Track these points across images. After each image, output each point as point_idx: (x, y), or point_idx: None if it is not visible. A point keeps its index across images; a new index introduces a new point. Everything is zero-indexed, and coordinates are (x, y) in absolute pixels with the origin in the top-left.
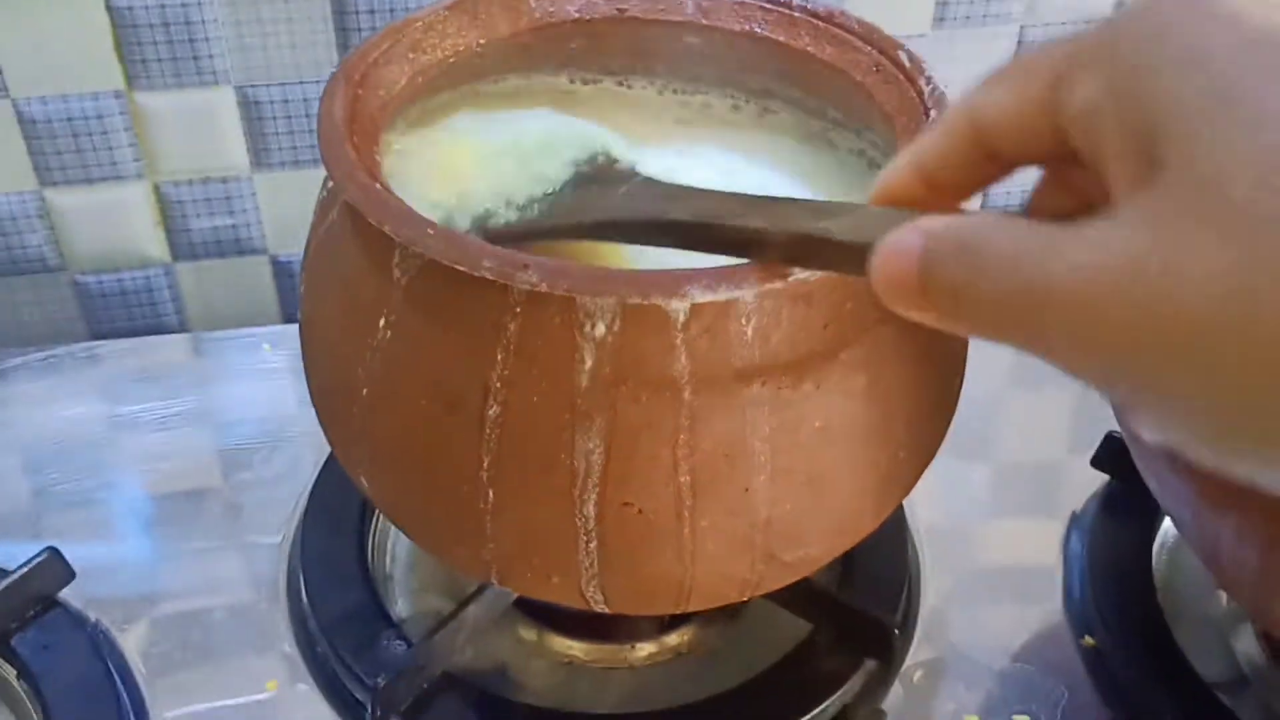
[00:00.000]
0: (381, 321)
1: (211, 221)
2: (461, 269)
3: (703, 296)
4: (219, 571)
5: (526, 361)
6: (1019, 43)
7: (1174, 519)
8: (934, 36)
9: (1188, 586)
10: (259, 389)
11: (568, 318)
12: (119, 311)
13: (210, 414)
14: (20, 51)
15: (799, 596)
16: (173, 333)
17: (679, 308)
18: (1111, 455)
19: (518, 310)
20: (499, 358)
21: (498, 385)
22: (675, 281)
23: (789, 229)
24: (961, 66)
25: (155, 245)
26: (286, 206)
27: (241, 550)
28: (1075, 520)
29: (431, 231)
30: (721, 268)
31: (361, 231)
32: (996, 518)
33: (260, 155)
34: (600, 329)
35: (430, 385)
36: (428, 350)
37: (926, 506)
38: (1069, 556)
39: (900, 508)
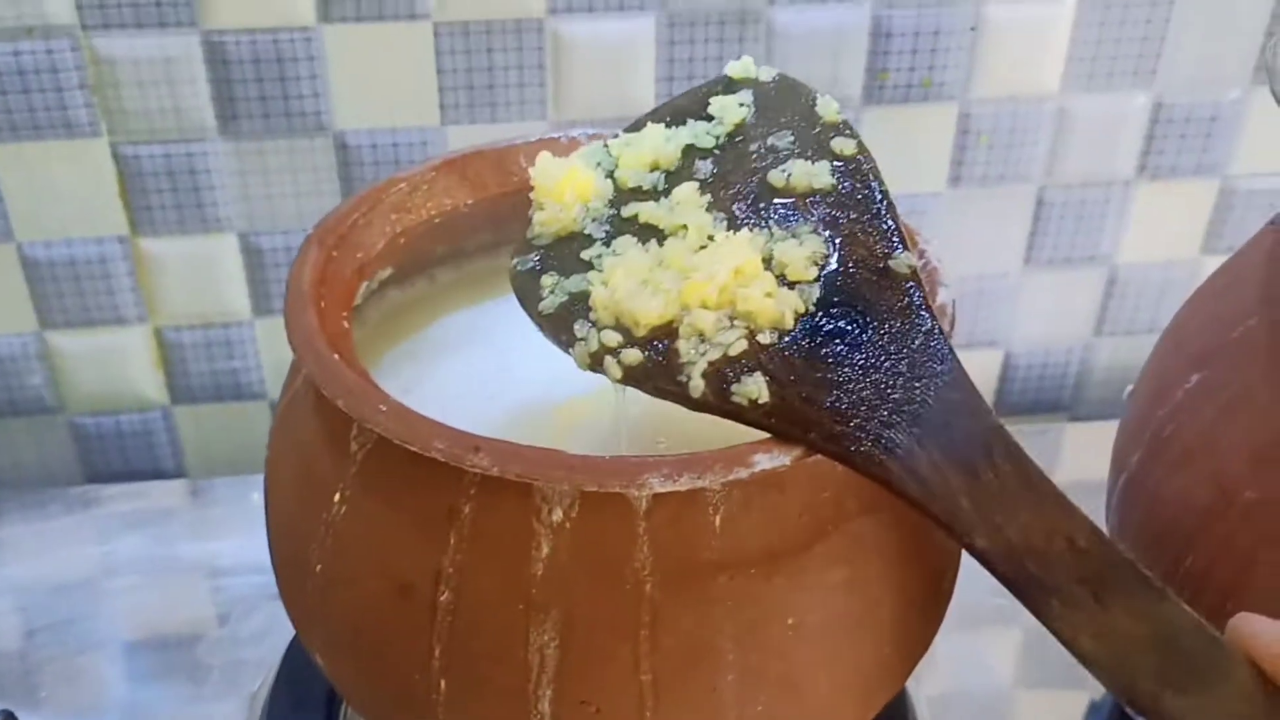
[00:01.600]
0: (337, 497)
1: (211, 365)
2: (413, 449)
3: (662, 486)
4: None
5: (480, 547)
6: (1038, 203)
7: None
8: (950, 195)
9: None
10: (252, 540)
11: (524, 502)
12: (115, 454)
13: (200, 564)
14: (26, 195)
15: None
16: (169, 476)
17: (639, 496)
18: None
19: (471, 493)
20: (452, 541)
21: (450, 571)
22: (634, 469)
23: None
24: (977, 225)
25: (154, 388)
26: (287, 352)
27: (215, 710)
28: (1094, 709)
29: (384, 408)
30: (684, 455)
31: (321, 402)
32: (1018, 688)
33: (261, 301)
34: (558, 514)
35: (382, 567)
36: (380, 530)
37: (939, 680)
38: None
39: (904, 693)
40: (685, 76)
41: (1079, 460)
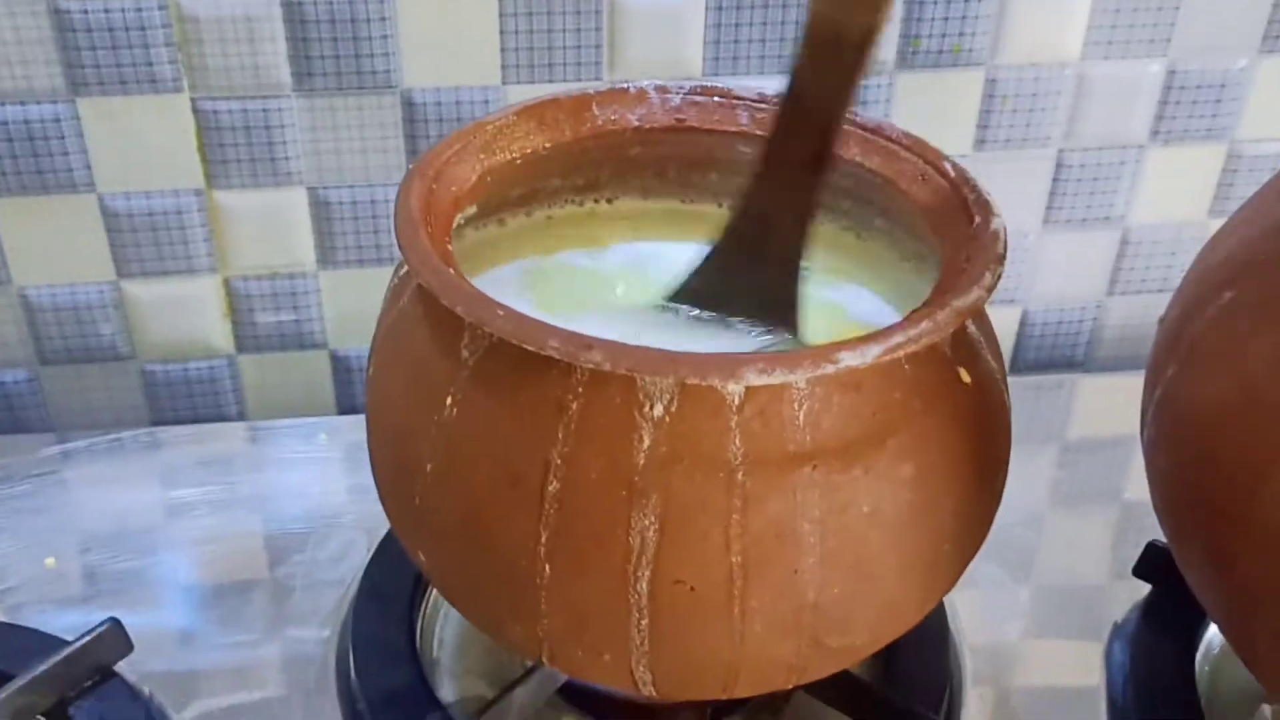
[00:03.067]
0: (448, 400)
1: (277, 316)
2: (529, 348)
3: (757, 380)
4: (270, 653)
5: (587, 439)
6: (1056, 165)
7: (1215, 618)
8: (975, 158)
9: (1232, 694)
10: (313, 477)
11: (628, 398)
12: (182, 399)
13: (265, 501)
14: (110, 148)
15: (842, 692)
16: (232, 421)
17: (734, 390)
18: (1153, 564)
19: (580, 389)
20: (560, 435)
21: (558, 462)
22: (732, 364)
23: None
24: (1000, 186)
25: (221, 337)
26: (349, 304)
27: (291, 632)
28: (1116, 631)
29: (501, 313)
30: (776, 353)
31: (432, 314)
32: (1038, 634)
33: (327, 253)
34: (659, 409)
35: (493, 461)
36: (492, 427)
37: (968, 621)
38: (1111, 667)
39: (944, 613)
40: (732, 40)
41: (1093, 412)
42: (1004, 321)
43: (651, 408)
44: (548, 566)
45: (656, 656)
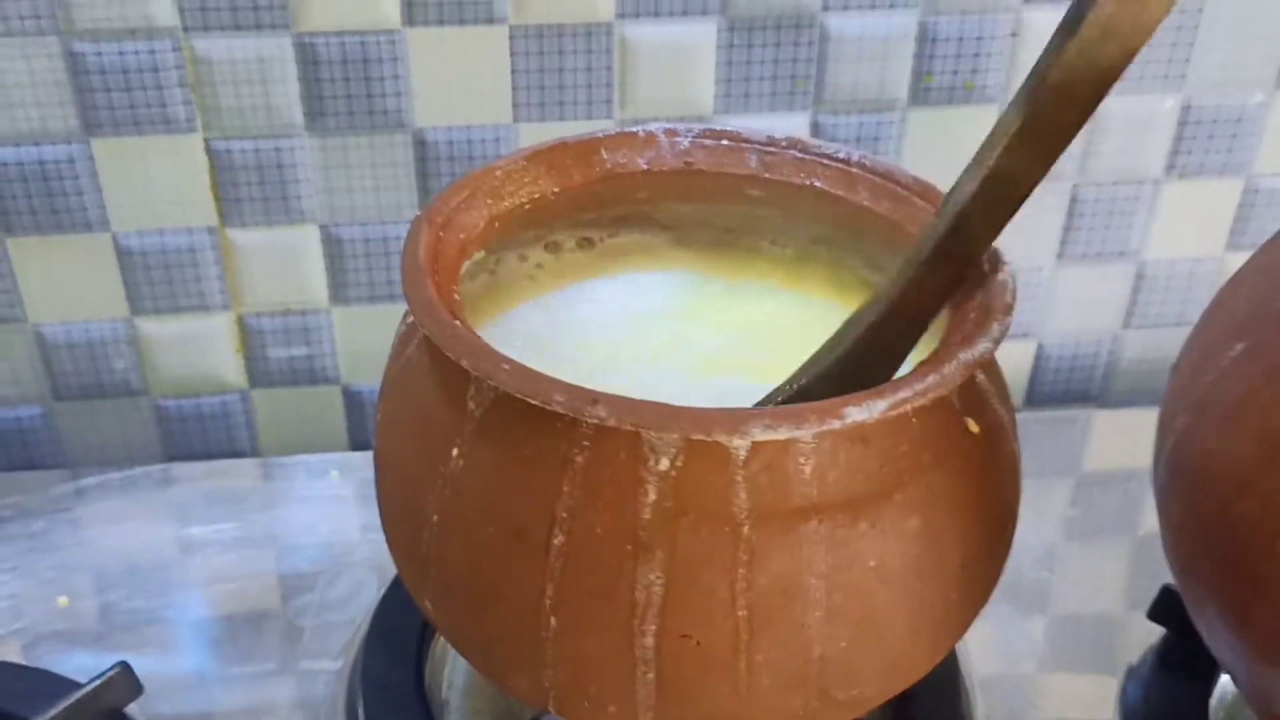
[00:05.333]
0: (454, 451)
1: (289, 351)
2: (534, 402)
3: (763, 435)
4: (280, 694)
5: (592, 494)
6: (1071, 199)
7: (1228, 671)
8: None
9: None
10: (325, 515)
11: (633, 452)
12: (195, 435)
13: (277, 538)
14: (124, 188)
15: None
16: (245, 456)
17: (740, 445)
18: (1168, 608)
19: (585, 444)
20: (565, 489)
21: (563, 515)
22: (737, 420)
23: None
24: (1014, 220)
25: (234, 373)
26: (361, 340)
27: (302, 673)
28: (1131, 673)
29: (506, 366)
30: (781, 408)
31: (438, 364)
32: (1052, 669)
33: (339, 290)
34: (664, 464)
35: (498, 514)
36: (497, 480)
37: (981, 657)
38: (1126, 709)
39: (954, 656)
40: (743, 78)
41: (1108, 446)
42: (1019, 355)
43: (657, 462)
44: (553, 619)
45: (663, 710)
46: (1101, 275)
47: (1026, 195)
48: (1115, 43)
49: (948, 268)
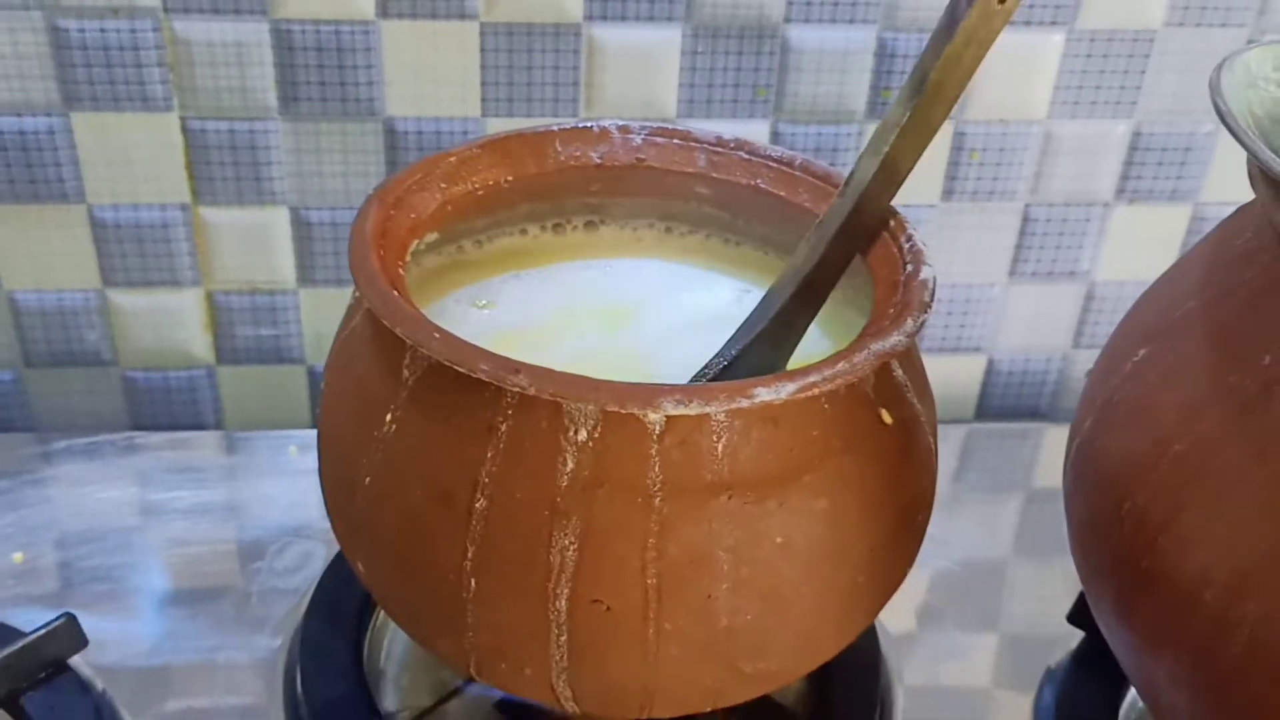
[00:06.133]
0: (388, 417)
1: (256, 330)
2: (461, 370)
3: (675, 410)
4: (223, 655)
5: (514, 460)
6: (1023, 219)
7: (1122, 664)
8: (943, 208)
9: None
10: (282, 488)
11: (554, 422)
12: (161, 407)
13: (234, 508)
14: (101, 161)
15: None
16: (209, 429)
17: (655, 419)
18: (1086, 611)
19: (509, 412)
20: (489, 455)
21: (486, 481)
22: (650, 393)
23: None
24: (967, 237)
25: (202, 348)
26: (327, 321)
27: (246, 636)
28: (1049, 676)
29: (437, 335)
30: (694, 385)
31: (379, 335)
32: (994, 678)
33: (307, 272)
34: (583, 434)
35: (426, 478)
36: (426, 445)
37: (921, 664)
38: (1039, 712)
39: (879, 653)
40: (706, 84)
41: (1056, 461)
42: (969, 370)
43: (576, 432)
44: (474, 581)
45: (576, 673)
46: (1052, 294)
47: (906, 178)
48: (973, 49)
49: (849, 243)
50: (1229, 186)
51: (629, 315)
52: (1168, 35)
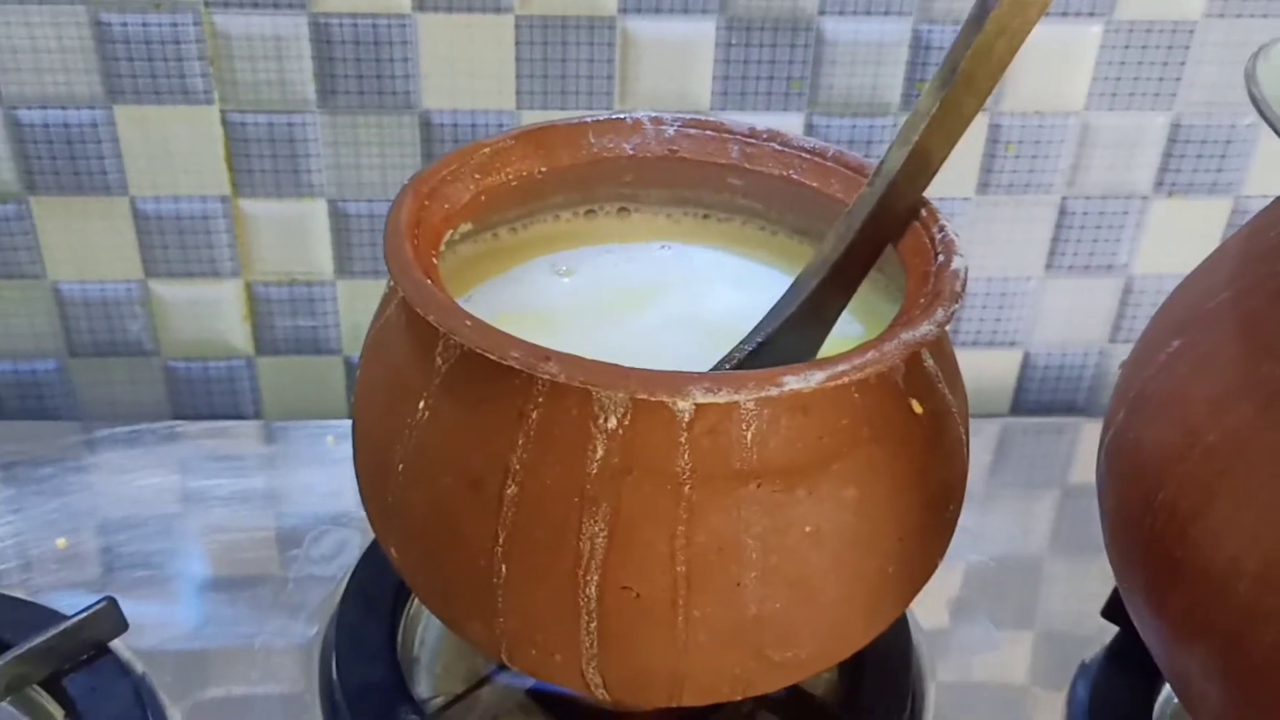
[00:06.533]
0: (421, 404)
1: (294, 321)
2: (491, 357)
3: (704, 398)
4: (260, 640)
5: (544, 447)
6: (1060, 212)
7: (1155, 657)
8: (978, 201)
9: None
10: (320, 477)
11: (584, 409)
12: (201, 396)
13: (272, 496)
14: (142, 154)
15: (800, 712)
16: (248, 419)
17: (684, 407)
18: (1121, 606)
19: (540, 399)
20: (520, 442)
21: (517, 467)
22: (680, 381)
23: None
24: (1003, 230)
25: (242, 339)
26: (363, 313)
27: (283, 622)
28: (1083, 670)
29: (469, 323)
30: (724, 373)
31: (412, 323)
32: (1029, 675)
33: (344, 263)
34: (613, 421)
35: (457, 464)
36: (458, 432)
37: (955, 660)
38: (1073, 706)
39: (910, 646)
40: (740, 76)
41: (1092, 456)
42: (1005, 364)
43: (606, 420)
44: (504, 567)
45: (605, 659)
46: (1089, 288)
47: (938, 169)
48: (1006, 39)
49: (878, 233)
50: (1272, 179)
51: (652, 298)
52: (1207, 26)
